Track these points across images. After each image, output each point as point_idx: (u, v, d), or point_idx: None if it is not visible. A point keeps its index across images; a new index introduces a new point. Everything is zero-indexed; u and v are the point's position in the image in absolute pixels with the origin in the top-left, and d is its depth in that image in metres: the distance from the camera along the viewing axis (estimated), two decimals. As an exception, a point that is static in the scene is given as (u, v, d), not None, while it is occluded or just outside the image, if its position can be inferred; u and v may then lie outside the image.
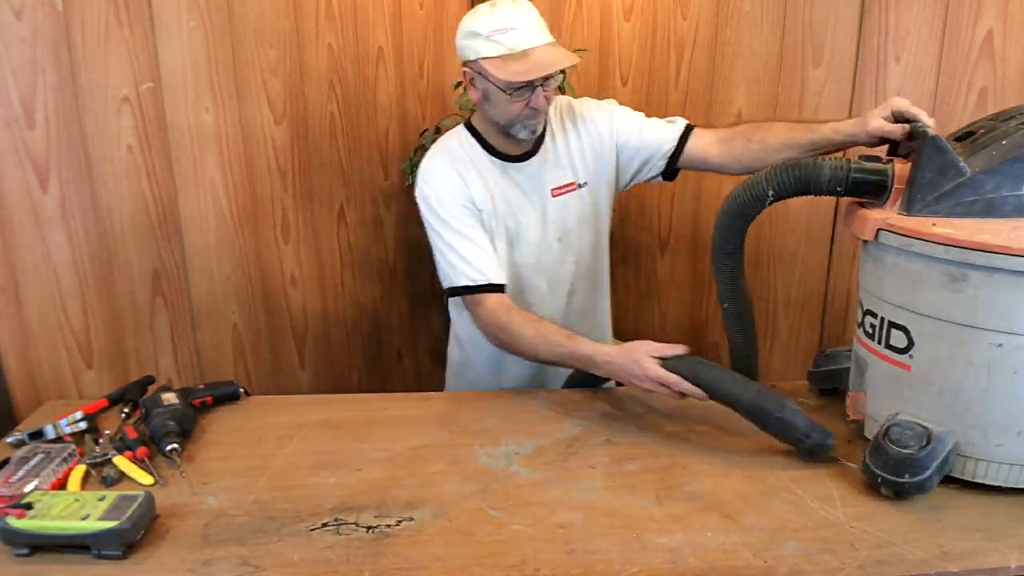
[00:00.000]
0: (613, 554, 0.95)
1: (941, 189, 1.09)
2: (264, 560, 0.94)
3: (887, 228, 1.11)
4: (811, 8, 2.08)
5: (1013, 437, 1.06)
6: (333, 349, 2.20)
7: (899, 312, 1.12)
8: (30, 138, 1.80)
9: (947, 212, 1.09)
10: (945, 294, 1.05)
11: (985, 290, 1.02)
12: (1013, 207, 1.07)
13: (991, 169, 1.07)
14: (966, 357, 1.06)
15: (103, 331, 1.97)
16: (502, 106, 1.41)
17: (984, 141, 1.10)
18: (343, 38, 1.97)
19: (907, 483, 1.04)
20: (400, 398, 1.45)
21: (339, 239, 2.11)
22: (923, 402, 1.11)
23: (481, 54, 1.37)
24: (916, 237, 1.06)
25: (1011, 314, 1.02)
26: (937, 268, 1.05)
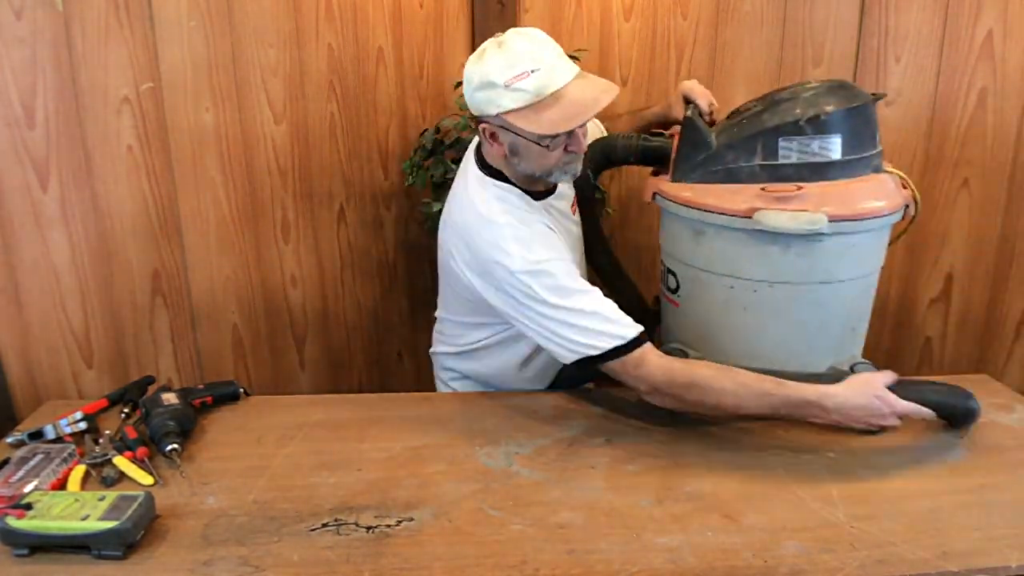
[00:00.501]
0: (613, 554, 0.95)
1: (694, 160, 1.32)
2: (264, 560, 0.94)
3: (657, 192, 1.39)
4: (811, 8, 2.08)
5: (748, 362, 1.25)
6: (333, 349, 2.20)
7: (669, 260, 1.45)
8: (30, 138, 1.80)
9: (698, 179, 1.32)
10: (692, 246, 1.35)
11: (718, 242, 1.31)
12: (747, 174, 1.28)
13: (731, 143, 1.28)
14: (711, 296, 1.36)
15: (103, 331, 1.97)
16: (535, 159, 1.26)
17: (736, 120, 1.31)
18: (343, 38, 1.97)
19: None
20: (400, 398, 1.45)
21: (339, 239, 2.11)
22: (686, 332, 1.44)
23: (504, 107, 1.19)
24: (671, 200, 1.35)
25: (737, 261, 1.30)
26: (686, 224, 1.35)
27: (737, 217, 1.24)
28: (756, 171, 1.27)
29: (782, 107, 1.26)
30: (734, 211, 1.24)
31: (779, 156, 1.25)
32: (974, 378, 1.54)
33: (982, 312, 2.30)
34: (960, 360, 2.32)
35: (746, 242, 1.27)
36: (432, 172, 2.03)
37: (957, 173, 2.20)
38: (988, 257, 2.26)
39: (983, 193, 2.20)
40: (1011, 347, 2.30)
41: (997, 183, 2.19)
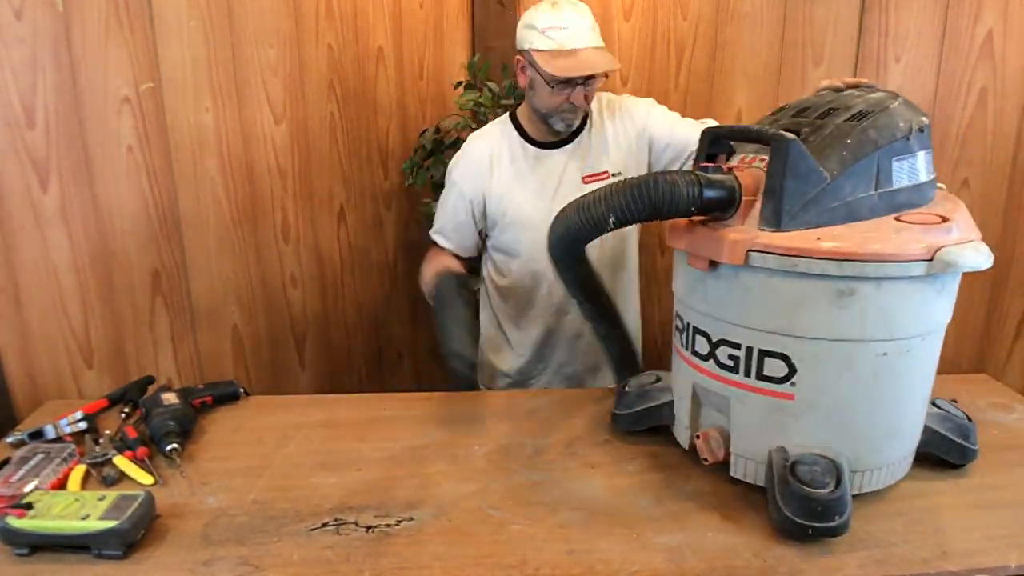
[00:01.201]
0: (613, 554, 0.95)
1: (806, 198, 0.98)
2: (264, 560, 0.94)
3: (762, 249, 0.98)
4: (811, 8, 2.08)
5: (893, 439, 1.07)
6: (333, 349, 2.20)
7: (775, 339, 1.01)
8: (30, 138, 1.80)
9: (815, 222, 0.99)
10: (832, 311, 0.98)
11: (876, 300, 0.97)
12: (868, 208, 1.01)
13: (846, 171, 0.99)
14: (853, 373, 1.01)
15: (103, 331, 1.97)
16: (544, 97, 1.51)
17: (823, 141, 1.01)
18: (343, 38, 1.97)
19: (837, 525, 0.95)
20: (400, 398, 1.45)
21: (339, 239, 2.11)
22: (810, 429, 1.03)
23: (534, 46, 1.48)
24: (801, 255, 0.96)
25: (895, 321, 0.99)
26: (823, 285, 0.97)
27: (914, 263, 0.95)
28: (875, 202, 1.01)
29: (883, 121, 1.02)
30: (912, 255, 0.95)
31: (893, 180, 1.02)
32: (974, 378, 1.54)
33: (982, 312, 2.30)
34: (960, 360, 2.32)
35: (911, 292, 0.98)
36: (432, 172, 2.03)
37: (957, 173, 2.20)
38: (988, 257, 2.26)
39: (983, 193, 2.20)
40: (1011, 347, 2.30)
41: (997, 183, 2.19)
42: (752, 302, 1.02)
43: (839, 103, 1.08)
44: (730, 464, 1.09)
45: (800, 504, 0.95)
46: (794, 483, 0.97)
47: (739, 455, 1.09)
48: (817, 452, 1.01)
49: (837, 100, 1.09)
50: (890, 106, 1.04)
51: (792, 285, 0.98)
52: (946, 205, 1.07)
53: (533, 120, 1.61)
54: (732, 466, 1.09)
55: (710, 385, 1.10)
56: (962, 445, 1.13)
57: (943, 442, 1.12)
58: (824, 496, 0.95)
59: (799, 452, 1.01)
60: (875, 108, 1.03)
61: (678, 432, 1.21)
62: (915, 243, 0.95)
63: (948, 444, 1.13)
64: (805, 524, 0.95)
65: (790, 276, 0.98)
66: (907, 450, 1.10)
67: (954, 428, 1.13)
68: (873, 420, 1.03)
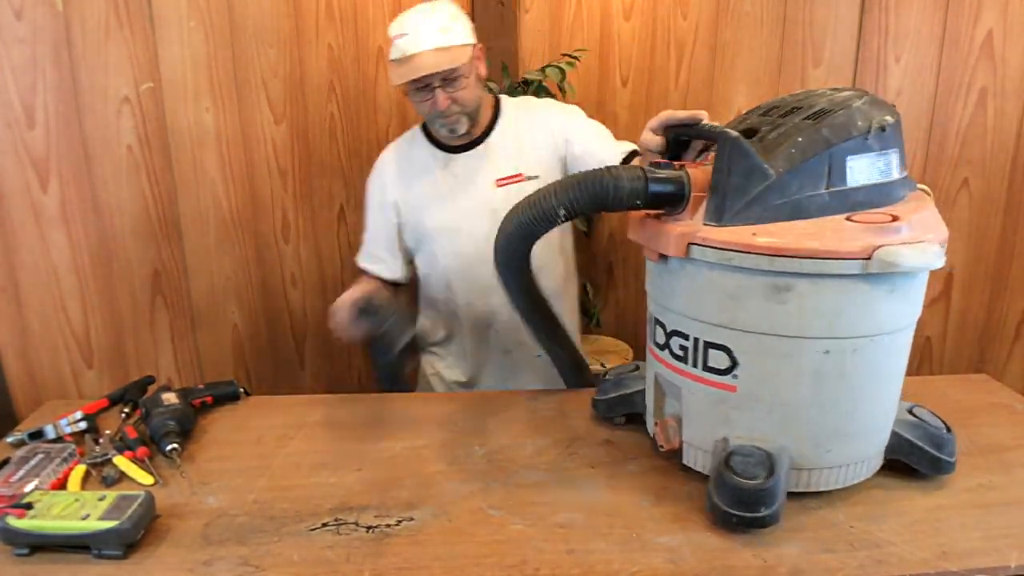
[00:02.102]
0: (613, 554, 0.95)
1: (749, 194, 0.98)
2: (264, 560, 0.94)
3: (700, 242, 0.99)
4: (811, 8, 2.09)
5: (841, 439, 1.04)
6: (333, 349, 2.20)
7: (718, 331, 1.02)
8: (30, 138, 1.80)
9: (758, 218, 0.99)
10: (769, 306, 0.97)
11: (812, 298, 0.96)
12: (817, 206, 1.00)
13: (794, 169, 0.99)
14: (794, 369, 1.00)
15: (103, 331, 1.97)
16: (416, 105, 1.50)
17: (776, 139, 1.01)
18: (343, 38, 1.97)
19: (765, 516, 0.97)
20: (400, 398, 1.45)
21: (339, 239, 2.12)
22: (752, 422, 1.03)
23: (389, 56, 1.45)
24: (736, 250, 0.96)
25: (836, 319, 0.97)
26: (760, 280, 0.97)
27: (850, 260, 0.94)
28: (825, 200, 1.00)
29: (840, 119, 1.02)
30: (847, 253, 0.94)
31: (848, 179, 1.01)
32: (974, 378, 1.54)
33: (982, 312, 2.30)
34: (960, 360, 2.32)
35: (853, 291, 0.97)
36: (432, 172, 2.02)
37: (957, 173, 2.20)
38: (988, 257, 2.26)
39: (983, 193, 2.20)
40: (1011, 347, 2.30)
41: (997, 183, 2.19)
42: (696, 294, 1.04)
43: (806, 102, 1.08)
44: (683, 452, 1.12)
45: (730, 493, 0.98)
46: (726, 473, 0.99)
47: (690, 444, 1.12)
48: (757, 445, 1.02)
49: (806, 99, 1.09)
50: (852, 104, 1.03)
51: (731, 279, 0.99)
52: (909, 205, 1.04)
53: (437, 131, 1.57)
54: (684, 454, 1.12)
55: (666, 374, 1.12)
56: (933, 455, 1.09)
57: (912, 450, 1.10)
58: (751, 487, 0.97)
59: (739, 443, 1.03)
60: (836, 107, 1.03)
61: (648, 420, 1.23)
62: (853, 241, 0.94)
63: (918, 452, 1.09)
64: (731, 512, 0.97)
65: (728, 270, 0.99)
66: (865, 453, 1.08)
67: (925, 436, 1.10)
68: (818, 418, 1.02)
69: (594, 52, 2.11)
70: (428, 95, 1.45)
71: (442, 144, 1.58)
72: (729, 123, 1.13)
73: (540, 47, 2.11)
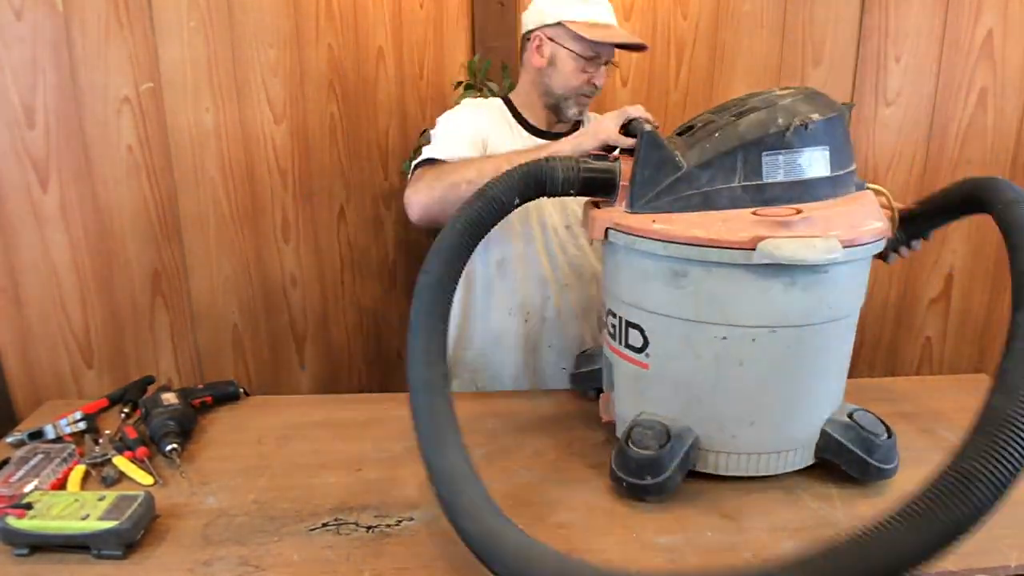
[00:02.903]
0: (613, 554, 0.95)
1: (660, 185, 1.06)
2: (264, 560, 0.94)
3: (613, 227, 1.09)
4: (811, 8, 2.08)
5: (746, 428, 1.08)
6: (333, 349, 2.20)
7: (632, 311, 1.11)
8: (30, 138, 1.80)
9: (667, 207, 1.06)
10: (670, 290, 1.05)
11: (706, 284, 1.03)
12: (728, 199, 1.04)
13: (705, 162, 1.04)
14: (695, 351, 1.06)
15: (103, 331, 1.97)
16: (567, 74, 1.47)
17: (700, 135, 1.08)
18: (343, 38, 1.97)
19: (649, 484, 1.04)
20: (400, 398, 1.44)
21: (339, 239, 2.12)
22: (661, 400, 1.11)
23: (567, 16, 1.43)
24: (638, 235, 1.05)
25: (731, 306, 1.03)
26: (661, 264, 1.04)
27: (735, 250, 0.98)
28: (738, 193, 1.04)
29: (760, 117, 1.05)
30: (732, 243, 0.98)
31: (764, 174, 1.04)
32: (974, 378, 1.54)
33: (982, 312, 2.30)
34: (960, 360, 2.32)
35: (744, 281, 1.00)
36: (432, 172, 2.02)
37: (957, 173, 2.20)
38: (988, 257, 2.26)
39: (983, 193, 2.20)
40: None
41: (997, 183, 2.19)
42: (616, 275, 1.14)
43: (749, 101, 1.11)
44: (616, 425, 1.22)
45: (622, 460, 1.07)
46: (623, 443, 1.08)
47: (619, 417, 1.21)
48: (662, 421, 1.09)
49: (751, 98, 1.12)
50: (779, 103, 1.06)
51: (638, 262, 1.08)
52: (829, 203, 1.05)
53: (536, 107, 1.55)
54: (617, 428, 1.22)
55: (606, 351, 1.23)
56: (861, 458, 1.08)
57: (841, 451, 1.09)
58: (640, 455, 1.05)
59: (645, 418, 1.11)
60: (764, 105, 1.07)
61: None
62: (739, 232, 0.98)
63: (846, 454, 1.09)
64: (621, 478, 1.06)
65: (635, 254, 1.07)
66: (779, 445, 1.09)
67: (856, 439, 1.09)
68: (720, 403, 1.08)
69: (594, 52, 2.11)
70: (593, 68, 1.47)
71: (530, 126, 1.56)
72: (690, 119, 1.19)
73: (540, 47, 2.11)
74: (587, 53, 1.45)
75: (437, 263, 1.02)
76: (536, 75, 1.52)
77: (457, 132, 1.48)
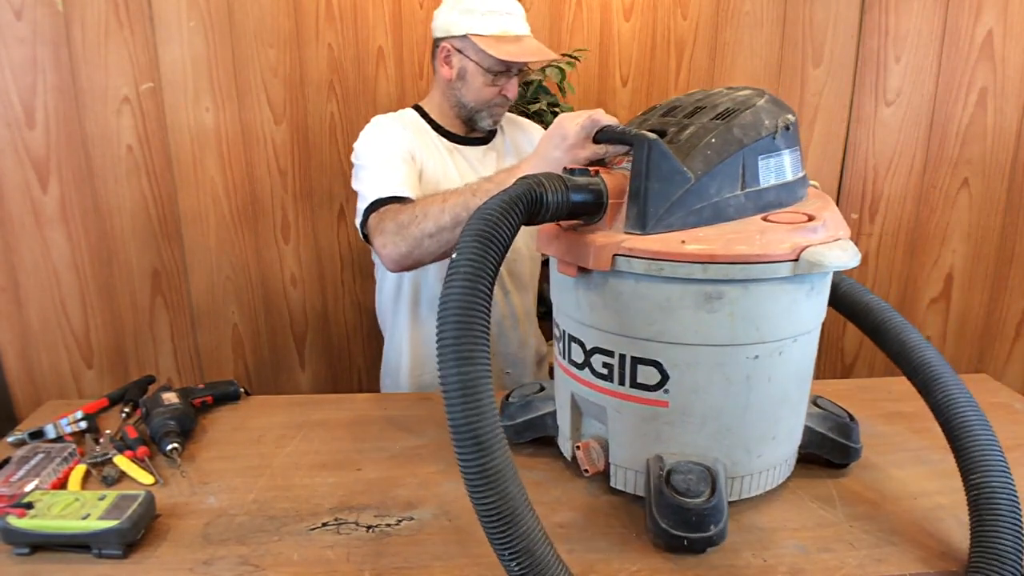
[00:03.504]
0: (613, 554, 0.95)
1: (670, 199, 0.94)
2: (264, 560, 0.94)
3: (626, 253, 0.92)
4: (811, 8, 2.09)
5: (769, 443, 1.03)
6: (333, 349, 2.20)
7: (647, 346, 0.96)
8: (30, 138, 1.80)
9: (679, 224, 0.94)
10: (700, 316, 0.93)
11: (742, 303, 0.93)
12: (735, 208, 0.97)
13: (711, 171, 0.95)
14: (726, 377, 0.96)
15: (103, 331, 1.97)
16: (477, 88, 1.43)
17: (689, 140, 0.97)
18: (343, 38, 1.97)
19: (713, 535, 0.92)
20: (400, 398, 1.45)
21: (339, 239, 2.12)
22: (684, 437, 0.99)
23: (474, 30, 1.38)
24: (667, 259, 0.91)
25: (765, 323, 0.95)
26: (691, 289, 0.92)
27: (778, 263, 0.91)
28: (741, 201, 0.98)
29: (748, 119, 0.99)
30: (775, 256, 0.91)
31: (760, 179, 0.99)
32: (974, 378, 1.54)
33: (982, 312, 2.30)
34: (960, 360, 2.32)
35: (779, 294, 0.95)
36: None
37: (957, 173, 2.20)
38: (988, 257, 2.26)
39: (983, 193, 2.21)
40: (1011, 347, 2.30)
41: (997, 183, 2.20)
42: (622, 308, 0.97)
43: (706, 102, 1.05)
44: (610, 475, 1.06)
45: (675, 514, 0.93)
46: (669, 493, 0.94)
47: (618, 465, 1.06)
48: (692, 459, 0.98)
49: (705, 99, 1.07)
50: (756, 103, 1.01)
51: (659, 290, 0.94)
52: (816, 204, 1.04)
53: (449, 116, 1.51)
54: (612, 476, 1.06)
55: (587, 394, 1.06)
56: (844, 444, 1.11)
57: (824, 442, 1.11)
58: (698, 505, 0.92)
59: (674, 460, 0.98)
60: (740, 106, 1.01)
61: (562, 443, 1.16)
62: (780, 243, 0.92)
63: (830, 444, 1.11)
64: (680, 535, 0.92)
65: (656, 281, 0.93)
66: (786, 454, 1.08)
67: (835, 427, 1.11)
68: (748, 424, 1.00)
69: (594, 52, 2.11)
70: (504, 80, 1.42)
71: (448, 133, 1.52)
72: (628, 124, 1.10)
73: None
74: (496, 68, 1.41)
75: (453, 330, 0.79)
76: (446, 86, 1.48)
77: (389, 161, 1.39)
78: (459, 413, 0.76)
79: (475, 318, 0.78)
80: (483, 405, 0.76)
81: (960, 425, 0.96)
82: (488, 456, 0.77)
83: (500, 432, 0.78)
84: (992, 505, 0.89)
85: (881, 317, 1.09)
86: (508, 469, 0.78)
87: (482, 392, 0.76)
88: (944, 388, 1.01)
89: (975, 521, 0.90)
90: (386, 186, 1.34)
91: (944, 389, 1.01)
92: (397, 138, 1.44)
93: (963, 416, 0.97)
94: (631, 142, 0.97)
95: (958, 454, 0.96)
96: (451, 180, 1.46)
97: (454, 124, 1.52)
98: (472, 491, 0.78)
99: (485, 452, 0.76)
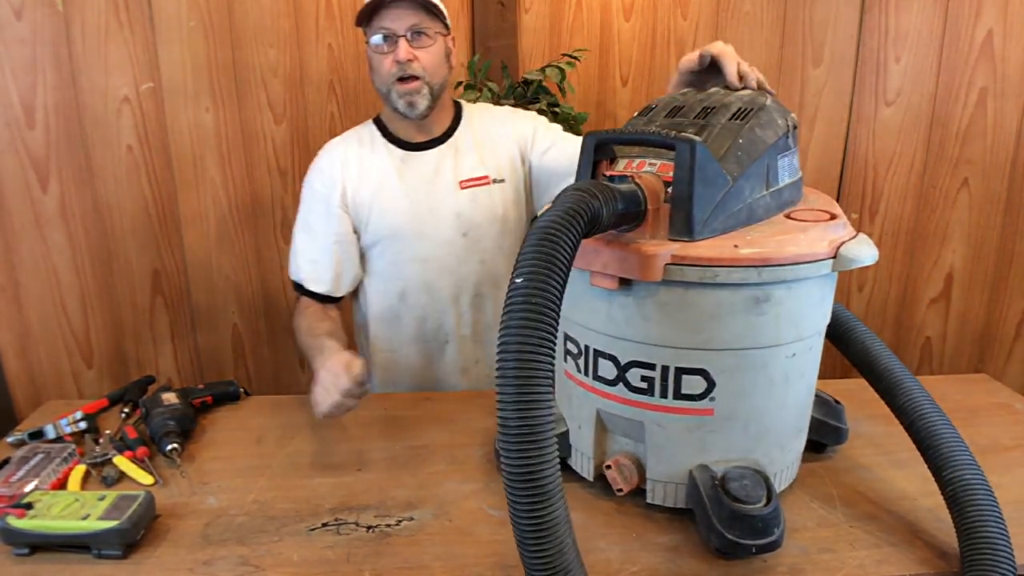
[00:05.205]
0: (613, 553, 0.95)
1: (713, 203, 0.91)
2: (264, 560, 0.94)
3: (678, 262, 0.88)
4: (811, 8, 2.09)
5: (797, 436, 1.06)
6: (333, 349, 2.20)
7: (693, 355, 0.93)
8: (30, 138, 1.80)
9: (720, 228, 0.93)
10: (749, 320, 0.91)
11: (786, 304, 0.93)
12: (763, 209, 0.97)
13: (745, 172, 0.94)
14: (768, 378, 0.96)
15: (103, 331, 1.97)
16: (377, 69, 1.39)
17: (718, 142, 0.95)
18: (343, 38, 1.97)
19: (777, 539, 0.91)
20: (400, 398, 1.45)
21: (339, 239, 2.11)
22: (729, 442, 0.97)
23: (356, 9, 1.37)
24: (721, 265, 0.88)
25: (803, 321, 0.96)
26: (740, 294, 0.90)
27: (819, 262, 0.92)
28: (767, 201, 0.98)
29: (765, 118, 0.99)
30: (817, 255, 0.91)
31: (779, 179, 1.00)
32: (974, 378, 1.54)
33: (982, 312, 2.30)
34: (960, 360, 2.32)
35: (815, 291, 0.96)
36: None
37: (957, 173, 2.20)
38: (988, 257, 2.26)
39: (983, 193, 2.21)
40: (1011, 347, 2.30)
41: (997, 183, 2.20)
42: (666, 318, 0.93)
43: (713, 102, 1.04)
44: (647, 491, 1.03)
45: (740, 523, 0.90)
46: (729, 502, 0.91)
47: (656, 480, 1.02)
48: (739, 464, 0.97)
49: (709, 99, 1.06)
50: (764, 104, 1.02)
51: (711, 297, 0.91)
52: (819, 200, 1.07)
53: (395, 120, 1.47)
54: (649, 492, 1.03)
55: (620, 411, 1.00)
56: (836, 427, 1.15)
57: (821, 427, 1.14)
58: (760, 511, 0.91)
59: (721, 467, 0.96)
60: (752, 106, 1.01)
61: (577, 463, 1.11)
62: (820, 242, 0.92)
63: (826, 428, 1.14)
64: (748, 543, 0.90)
65: (708, 288, 0.90)
66: (803, 445, 1.11)
67: (829, 412, 1.15)
68: (783, 422, 1.01)
69: (594, 52, 2.11)
70: (391, 47, 1.35)
71: (400, 141, 1.48)
72: (626, 125, 1.09)
73: (540, 47, 2.11)
74: (373, 35, 1.36)
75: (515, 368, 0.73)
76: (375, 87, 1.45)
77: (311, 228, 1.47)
78: (517, 460, 0.70)
79: (539, 354, 0.72)
80: (545, 452, 0.71)
81: (925, 427, 1.00)
82: (548, 507, 0.71)
83: (559, 478, 0.73)
84: (969, 497, 0.92)
85: (847, 326, 1.12)
86: (566, 521, 0.73)
87: (545, 437, 0.71)
88: (906, 392, 1.04)
89: (957, 515, 0.92)
90: (302, 269, 1.47)
91: (906, 393, 1.04)
92: (325, 190, 1.46)
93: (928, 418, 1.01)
94: (672, 145, 0.91)
95: (926, 454, 0.99)
96: (392, 196, 1.44)
97: (406, 130, 1.47)
98: (525, 542, 0.72)
99: (545, 502, 0.71)
